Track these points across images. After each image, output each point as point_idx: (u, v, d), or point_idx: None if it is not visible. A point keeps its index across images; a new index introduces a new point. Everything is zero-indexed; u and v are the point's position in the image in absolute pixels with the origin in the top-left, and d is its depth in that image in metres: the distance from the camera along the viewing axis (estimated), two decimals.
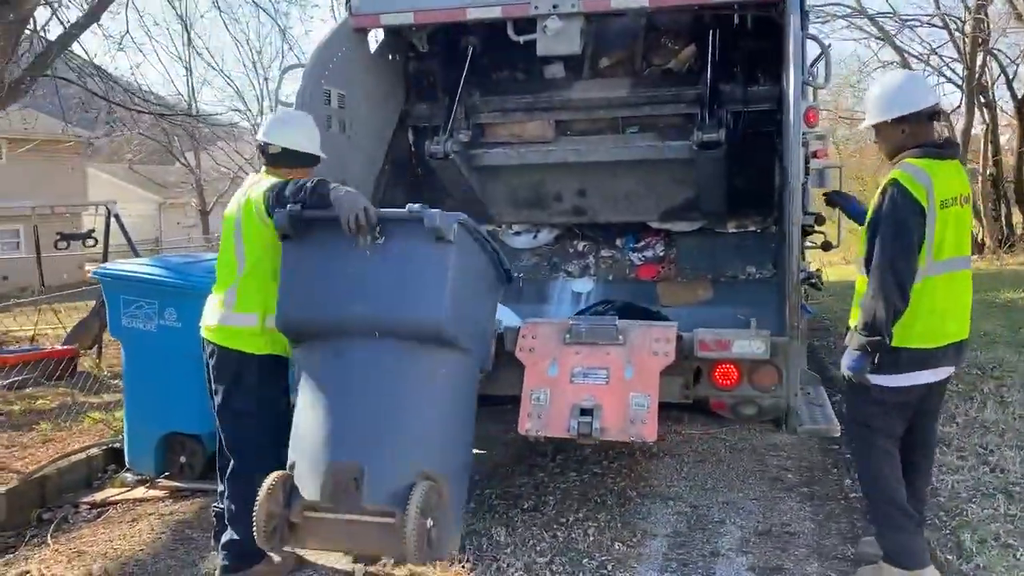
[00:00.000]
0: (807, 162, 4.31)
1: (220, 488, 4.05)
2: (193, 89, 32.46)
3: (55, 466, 5.38)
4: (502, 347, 4.34)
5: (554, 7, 5.10)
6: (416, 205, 3.54)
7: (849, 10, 16.57)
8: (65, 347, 8.25)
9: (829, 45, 5.48)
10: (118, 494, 5.22)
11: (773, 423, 4.69)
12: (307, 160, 4.09)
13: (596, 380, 4.01)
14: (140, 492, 5.23)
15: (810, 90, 4.60)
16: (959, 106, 17.10)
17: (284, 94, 5.11)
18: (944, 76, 17.63)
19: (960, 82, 16.83)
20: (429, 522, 3.31)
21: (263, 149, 4.05)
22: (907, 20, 16.62)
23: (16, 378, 7.81)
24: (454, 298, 3.53)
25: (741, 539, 4.37)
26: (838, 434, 4.63)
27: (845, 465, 5.40)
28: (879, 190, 3.52)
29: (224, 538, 3.97)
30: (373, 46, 5.90)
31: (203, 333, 4.05)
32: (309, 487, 3.40)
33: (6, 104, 9.32)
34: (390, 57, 6.07)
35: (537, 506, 4.79)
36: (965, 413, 5.98)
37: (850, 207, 4.39)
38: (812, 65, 4.99)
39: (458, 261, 3.57)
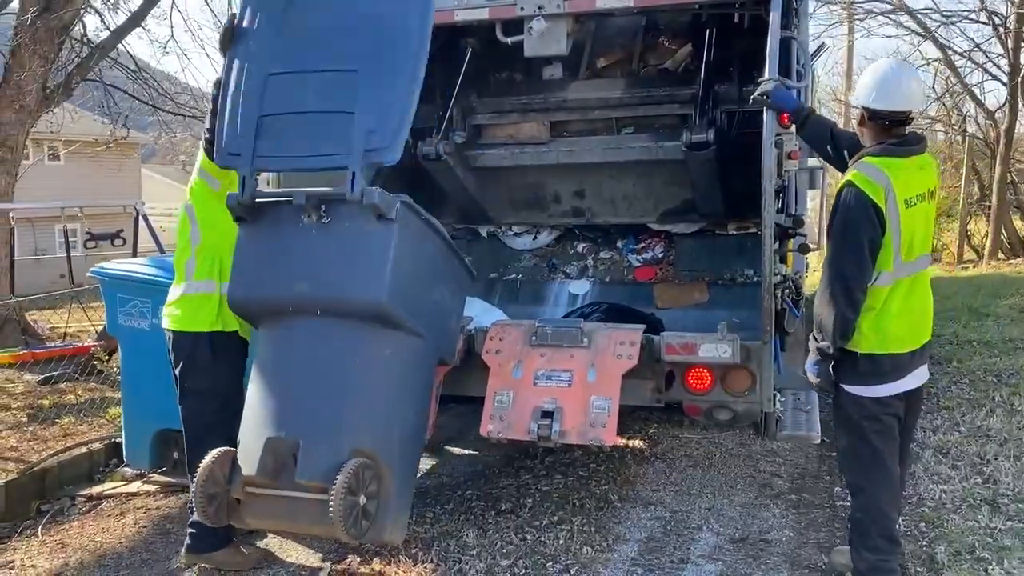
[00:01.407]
0: (780, 164, 4.22)
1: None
2: None
3: (56, 459, 5.54)
4: (472, 348, 4.37)
5: (539, 8, 5.07)
6: None
7: (890, 6, 16.20)
8: (81, 345, 8.47)
9: (822, 46, 5.36)
10: (114, 488, 5.36)
11: (753, 429, 4.61)
12: None
13: (559, 382, 4.01)
14: (135, 486, 5.36)
15: (794, 91, 4.49)
16: (1004, 104, 16.58)
17: None
18: (989, 73, 17.13)
19: (1005, 79, 16.29)
20: (362, 499, 3.31)
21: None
22: (950, 16, 16.16)
23: (51, 373, 8.02)
24: (396, 278, 3.50)
25: (715, 546, 4.31)
26: (818, 441, 4.56)
27: (839, 472, 5.28)
28: (836, 191, 3.43)
29: (191, 519, 4.10)
30: None
31: (163, 323, 4.22)
32: (249, 463, 3.43)
33: (48, 107, 9.61)
34: None
35: (514, 508, 4.78)
36: (971, 421, 5.81)
37: (778, 94, 4.06)
38: (801, 64, 4.88)
39: (401, 241, 3.55)
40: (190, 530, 4.12)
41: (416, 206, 3.69)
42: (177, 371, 4.14)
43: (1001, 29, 15.75)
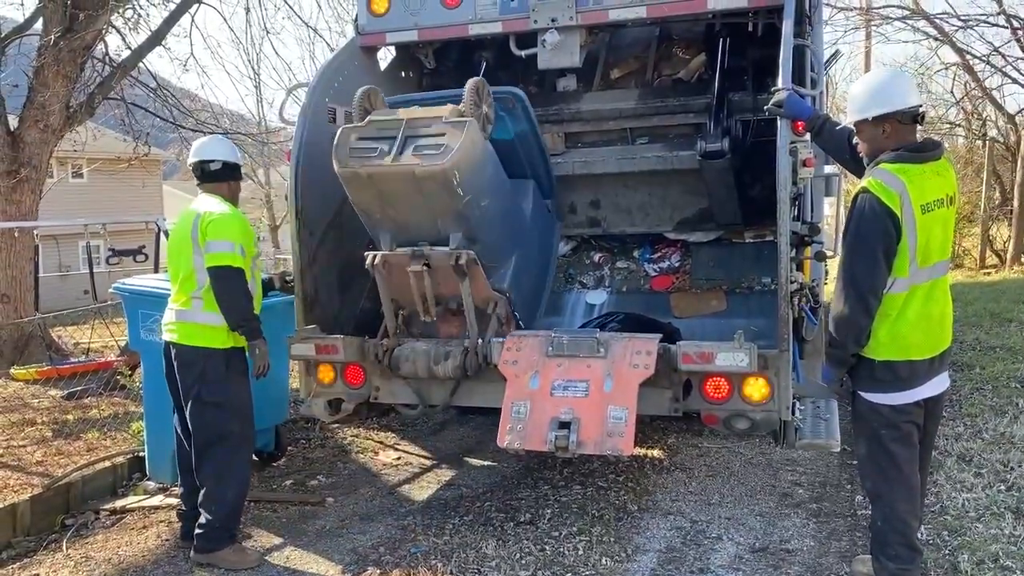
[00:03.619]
0: (795, 172, 4.21)
1: (181, 490, 4.50)
2: (262, 107, 33.44)
3: (80, 473, 5.59)
4: (489, 359, 4.39)
5: (552, 21, 5.12)
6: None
7: (907, 11, 16.10)
8: (104, 360, 8.56)
9: (836, 52, 5.32)
10: (136, 501, 5.41)
11: (771, 437, 4.59)
12: (239, 171, 4.60)
13: (576, 393, 4.01)
14: (158, 500, 5.41)
15: (808, 99, 4.48)
16: None
17: (288, 113, 5.24)
18: (1008, 76, 16.93)
19: None
20: (484, 108, 4.39)
21: (202, 169, 4.47)
22: (967, 20, 16.02)
23: (76, 388, 8.10)
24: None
25: (735, 556, 4.29)
26: (837, 449, 4.53)
27: (860, 480, 5.24)
28: (851, 198, 3.43)
29: (200, 520, 4.32)
30: (384, 64, 6.02)
31: (166, 336, 4.41)
32: None
33: (71, 126, 9.74)
34: (403, 74, 6.17)
35: (533, 519, 4.78)
36: (994, 428, 5.75)
37: (792, 102, 4.09)
38: (815, 72, 4.88)
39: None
40: (197, 531, 4.32)
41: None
42: (188, 383, 4.33)
43: (1020, 32, 15.62)
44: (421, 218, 4.40)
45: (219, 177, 4.48)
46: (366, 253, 4.56)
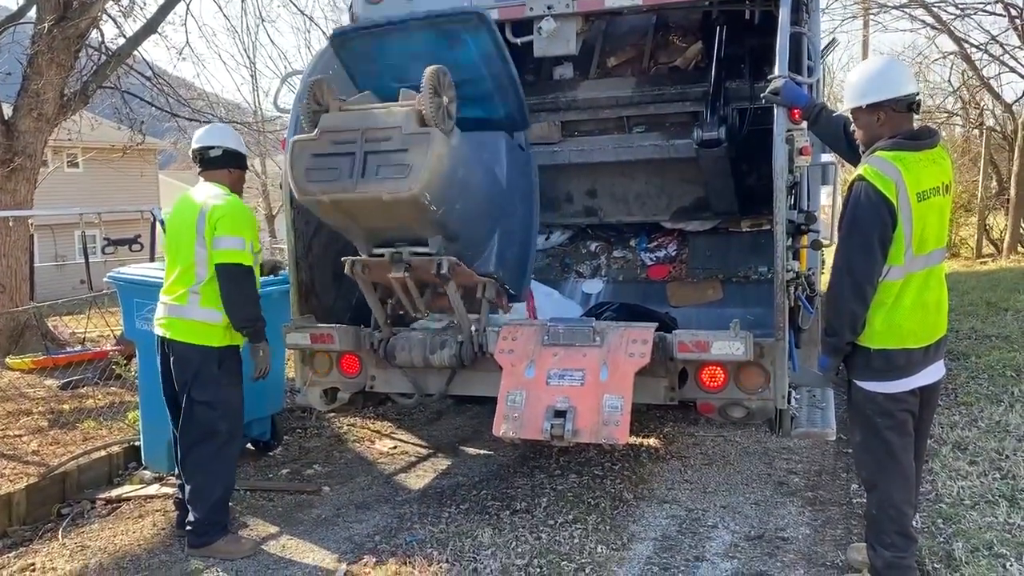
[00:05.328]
0: (792, 160, 4.20)
1: (179, 481, 4.45)
2: (258, 96, 33.37)
3: (76, 463, 5.58)
4: (485, 348, 4.39)
5: (548, 8, 5.09)
6: None
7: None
8: (100, 349, 8.54)
9: (833, 41, 5.30)
10: (132, 491, 5.40)
11: (767, 426, 4.59)
12: (241, 160, 4.53)
13: (572, 382, 4.00)
14: (153, 489, 5.41)
15: (805, 87, 4.46)
16: (1022, 96, 16.43)
17: (283, 101, 5.21)
18: (1006, 65, 16.90)
19: (1023, 71, 16.13)
20: (444, 99, 3.94)
21: (202, 156, 4.40)
22: (965, 8, 15.97)
23: (72, 378, 8.08)
24: None
25: (730, 544, 4.29)
26: (833, 437, 4.53)
27: (855, 468, 5.25)
28: (847, 186, 3.42)
29: (188, 517, 4.32)
30: None
31: (158, 331, 4.36)
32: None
33: (66, 114, 9.69)
34: None
35: (529, 508, 4.78)
36: (989, 417, 5.76)
37: (788, 90, 4.07)
38: (812, 60, 4.86)
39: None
40: (187, 527, 4.33)
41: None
42: (183, 381, 4.30)
43: (1018, 21, 15.56)
44: (395, 226, 4.18)
45: (220, 164, 4.41)
46: (343, 259, 4.39)
